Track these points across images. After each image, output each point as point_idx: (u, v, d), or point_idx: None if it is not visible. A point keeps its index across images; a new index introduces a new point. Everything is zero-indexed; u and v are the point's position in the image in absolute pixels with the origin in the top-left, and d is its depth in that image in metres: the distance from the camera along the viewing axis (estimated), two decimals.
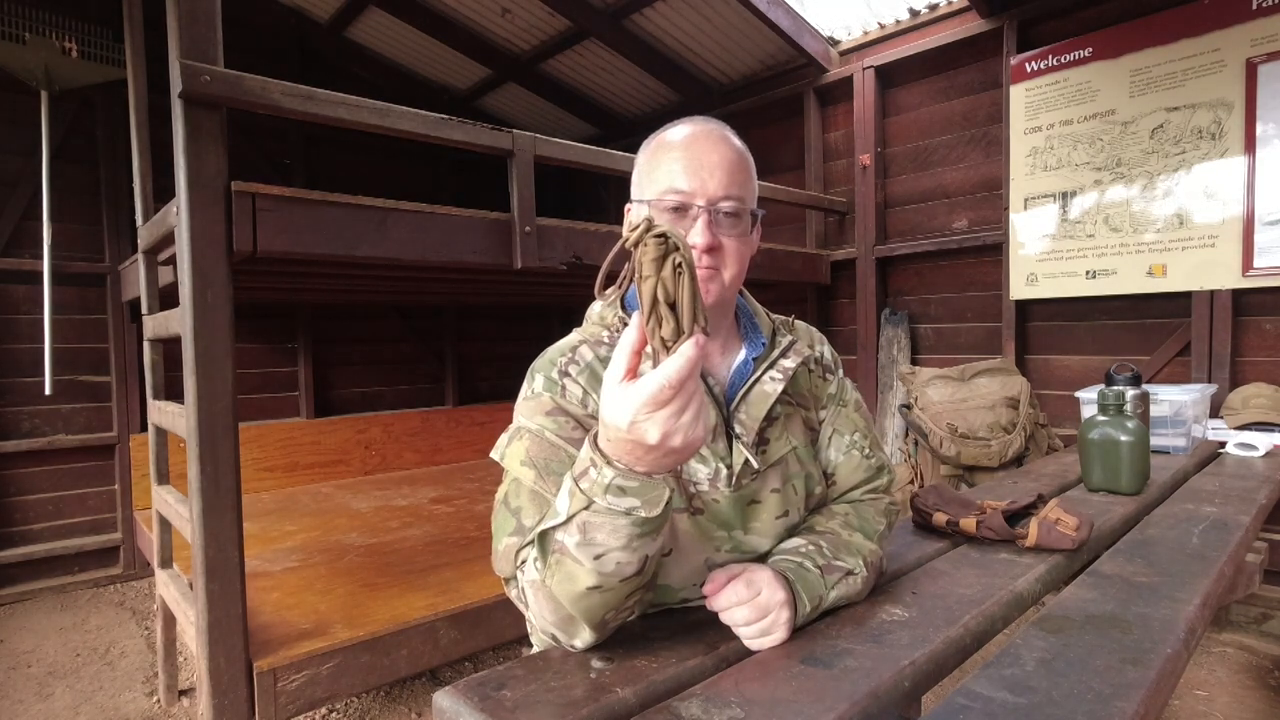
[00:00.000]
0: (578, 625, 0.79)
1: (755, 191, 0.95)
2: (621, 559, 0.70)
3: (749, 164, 0.94)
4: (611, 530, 0.68)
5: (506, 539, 0.83)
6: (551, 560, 0.73)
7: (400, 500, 3.77)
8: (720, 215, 0.89)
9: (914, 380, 3.06)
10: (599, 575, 0.71)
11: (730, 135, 0.93)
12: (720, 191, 0.88)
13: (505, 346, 5.40)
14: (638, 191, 0.94)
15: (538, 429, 0.86)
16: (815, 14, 3.61)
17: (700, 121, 0.93)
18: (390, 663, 1.94)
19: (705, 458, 0.90)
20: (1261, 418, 2.34)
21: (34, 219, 3.44)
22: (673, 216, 0.88)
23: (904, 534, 1.32)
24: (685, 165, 0.88)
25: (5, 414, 3.51)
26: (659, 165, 0.90)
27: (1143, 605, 0.95)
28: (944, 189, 3.47)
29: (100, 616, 3.28)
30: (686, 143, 0.90)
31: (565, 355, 0.91)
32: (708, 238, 0.87)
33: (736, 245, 0.90)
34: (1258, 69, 2.54)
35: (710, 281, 0.89)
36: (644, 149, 0.95)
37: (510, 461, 0.86)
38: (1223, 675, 2.40)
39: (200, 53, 1.67)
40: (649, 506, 0.67)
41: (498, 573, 0.86)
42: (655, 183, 0.90)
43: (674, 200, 0.88)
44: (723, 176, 0.89)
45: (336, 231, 1.94)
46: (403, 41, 4.45)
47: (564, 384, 0.88)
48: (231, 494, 1.73)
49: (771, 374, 0.94)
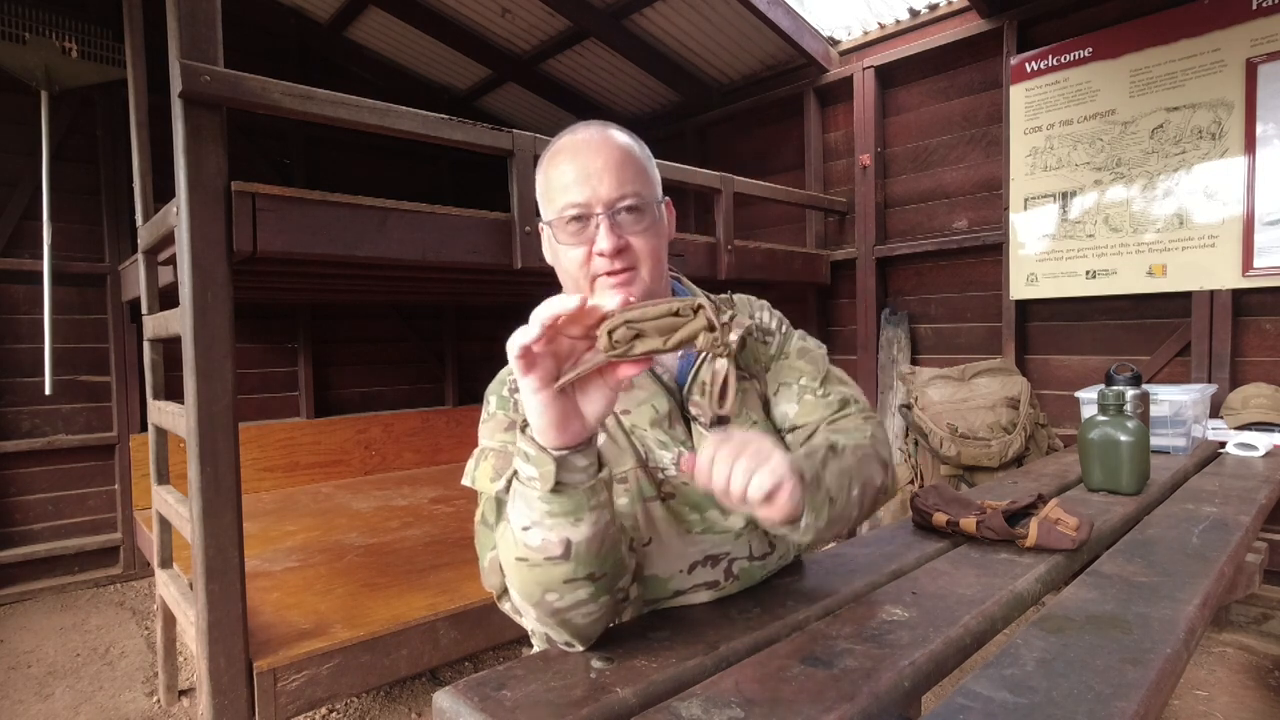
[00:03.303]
0: (530, 611, 0.80)
1: (656, 180, 0.94)
2: (545, 535, 0.72)
3: (640, 156, 0.92)
4: (525, 501, 0.72)
5: (490, 554, 0.85)
6: (500, 525, 0.78)
7: (400, 500, 3.77)
8: (621, 216, 0.88)
9: (914, 380, 3.06)
10: (525, 548, 0.74)
11: (614, 133, 0.91)
12: (615, 193, 0.87)
13: (505, 346, 5.39)
14: (542, 212, 0.94)
15: (499, 445, 0.89)
16: (815, 14, 3.61)
17: (582, 128, 0.92)
18: (390, 663, 1.94)
19: (666, 443, 0.92)
20: (1261, 418, 2.34)
21: (34, 219, 3.44)
22: (575, 227, 0.88)
23: (904, 534, 1.32)
24: (575, 176, 0.87)
25: (5, 414, 3.51)
26: (552, 183, 0.90)
27: (1143, 605, 0.95)
28: (944, 189, 3.47)
29: (100, 616, 3.29)
30: (571, 154, 0.89)
31: (512, 375, 0.91)
32: (612, 241, 0.86)
33: (645, 240, 0.90)
34: (1258, 69, 2.54)
35: (631, 284, 0.89)
36: (538, 171, 0.94)
37: (481, 482, 0.88)
38: (1223, 675, 2.40)
39: (200, 53, 1.67)
40: (543, 481, 0.70)
41: (487, 589, 0.88)
42: (552, 201, 0.90)
43: (573, 213, 0.88)
44: (613, 177, 0.87)
45: (336, 231, 1.94)
46: (403, 41, 4.45)
47: (514, 399, 0.91)
48: (231, 494, 1.73)
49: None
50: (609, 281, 0.88)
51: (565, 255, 0.90)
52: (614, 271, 0.88)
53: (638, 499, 0.90)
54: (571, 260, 0.89)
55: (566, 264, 0.90)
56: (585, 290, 0.90)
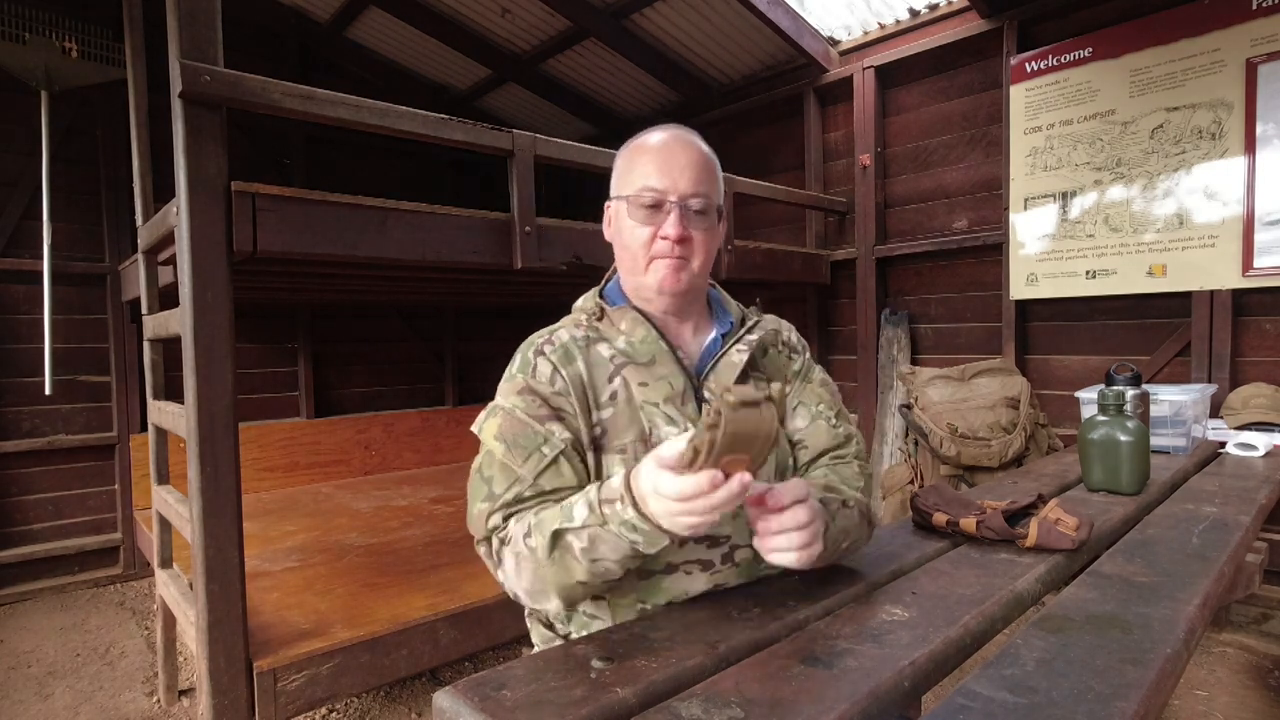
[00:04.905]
0: (550, 598, 0.89)
1: (721, 191, 1.06)
2: (613, 569, 0.84)
3: (715, 166, 1.04)
4: (613, 548, 0.82)
5: (479, 504, 0.94)
6: (555, 554, 0.84)
7: (400, 500, 3.77)
8: (690, 211, 0.99)
9: (914, 380, 3.06)
10: (590, 574, 0.84)
11: (699, 141, 1.04)
12: (690, 189, 0.99)
13: (505, 346, 5.28)
14: (616, 189, 1.05)
15: (510, 407, 0.97)
16: (815, 14, 3.61)
17: (672, 128, 1.04)
18: (390, 663, 1.94)
19: (674, 419, 0.98)
20: (1261, 418, 2.34)
21: (34, 219, 3.44)
22: (648, 211, 0.99)
23: (904, 534, 1.32)
24: (659, 166, 0.99)
25: (5, 414, 3.51)
26: (635, 166, 1.01)
27: (1143, 605, 0.95)
28: (944, 189, 3.47)
29: (100, 616, 3.29)
30: (660, 146, 1.01)
31: (544, 337, 1.03)
32: (679, 229, 0.98)
33: (703, 237, 1.01)
34: (1258, 69, 2.54)
35: (680, 270, 1.00)
36: (621, 153, 1.06)
37: (485, 435, 0.97)
38: (1223, 675, 2.40)
39: (200, 53, 1.67)
40: (649, 545, 0.81)
41: (471, 532, 0.96)
42: (632, 182, 1.01)
43: (650, 197, 0.99)
44: (692, 176, 0.99)
45: (336, 231, 1.94)
46: (403, 41, 4.45)
47: (536, 362, 0.99)
48: (231, 494, 1.73)
49: (738, 347, 1.04)
50: (665, 263, 0.99)
51: (632, 232, 1.01)
52: (671, 256, 0.98)
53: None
54: (636, 238, 1.00)
55: (629, 240, 1.01)
56: (641, 266, 1.01)
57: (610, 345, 1.02)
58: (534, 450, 0.92)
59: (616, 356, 1.01)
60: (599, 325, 1.04)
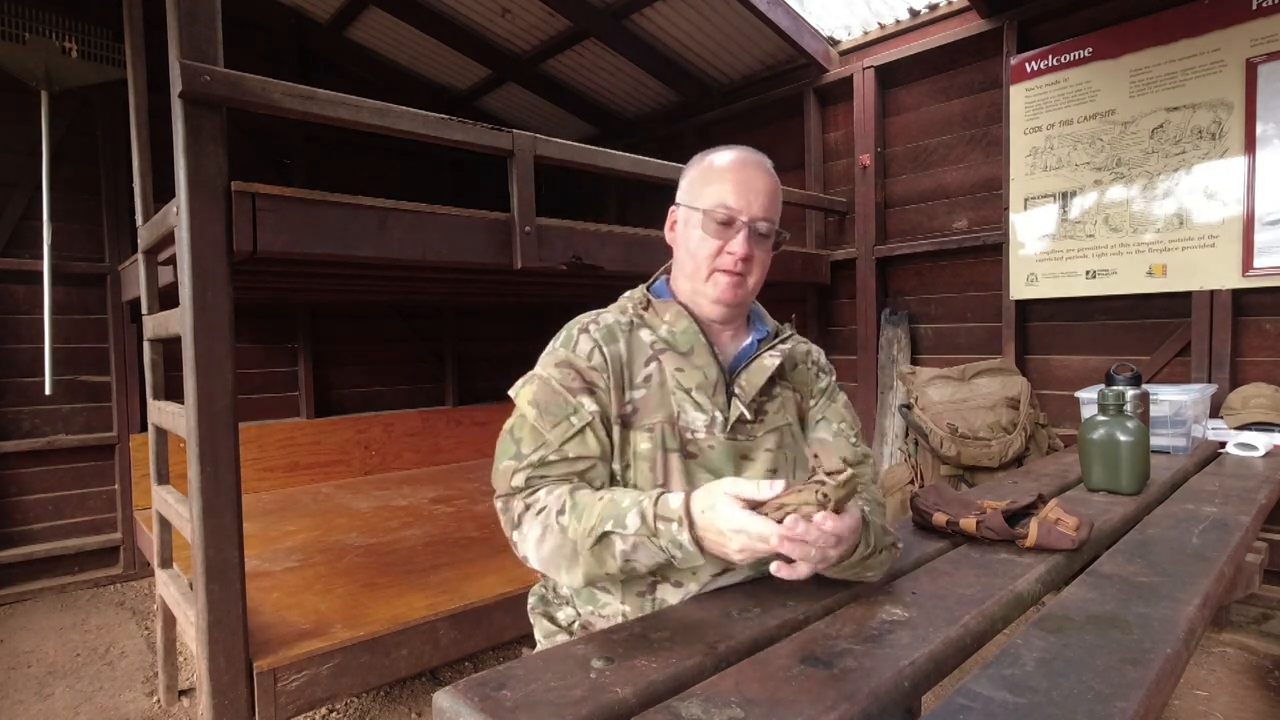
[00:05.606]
0: (573, 577, 0.94)
1: (780, 215, 1.13)
2: (641, 570, 0.92)
3: (780, 194, 1.13)
4: (650, 556, 0.89)
5: (506, 460, 1.00)
6: (597, 548, 0.91)
7: (400, 500, 3.77)
8: (757, 233, 1.08)
9: (914, 380, 3.06)
10: (621, 571, 0.92)
11: (771, 167, 1.14)
12: (761, 213, 1.08)
13: (505, 346, 5.40)
14: (689, 199, 1.12)
15: (546, 376, 1.03)
16: (815, 14, 3.61)
17: (750, 152, 1.13)
18: (390, 663, 1.94)
19: (702, 405, 1.05)
20: (1261, 418, 2.34)
21: (34, 219, 3.44)
22: (719, 227, 1.07)
23: (904, 534, 1.32)
24: (735, 186, 1.07)
25: (5, 414, 3.51)
26: (712, 182, 1.09)
27: (1143, 605, 0.95)
28: (944, 189, 3.47)
29: (100, 616, 3.29)
30: (739, 167, 1.10)
31: (590, 317, 1.10)
32: (746, 248, 1.06)
33: (763, 258, 1.11)
34: (1258, 69, 2.54)
35: (739, 286, 1.08)
36: (694, 164, 1.15)
37: (521, 399, 1.04)
38: (1223, 675, 2.40)
39: (200, 53, 1.67)
40: (685, 561, 0.89)
41: (494, 485, 1.02)
42: (707, 196, 1.08)
43: (723, 214, 1.07)
44: (764, 201, 1.08)
45: (336, 231, 1.94)
46: (403, 41, 4.45)
47: (579, 338, 1.06)
48: (231, 494, 1.73)
49: (771, 353, 1.12)
50: (726, 278, 1.07)
51: (700, 243, 1.08)
52: (734, 271, 1.07)
53: (659, 448, 1.02)
54: (704, 248, 1.08)
55: (696, 249, 1.08)
56: (703, 274, 1.08)
57: (653, 333, 1.10)
58: (563, 419, 0.99)
59: (657, 343, 1.08)
60: (644, 314, 1.11)
